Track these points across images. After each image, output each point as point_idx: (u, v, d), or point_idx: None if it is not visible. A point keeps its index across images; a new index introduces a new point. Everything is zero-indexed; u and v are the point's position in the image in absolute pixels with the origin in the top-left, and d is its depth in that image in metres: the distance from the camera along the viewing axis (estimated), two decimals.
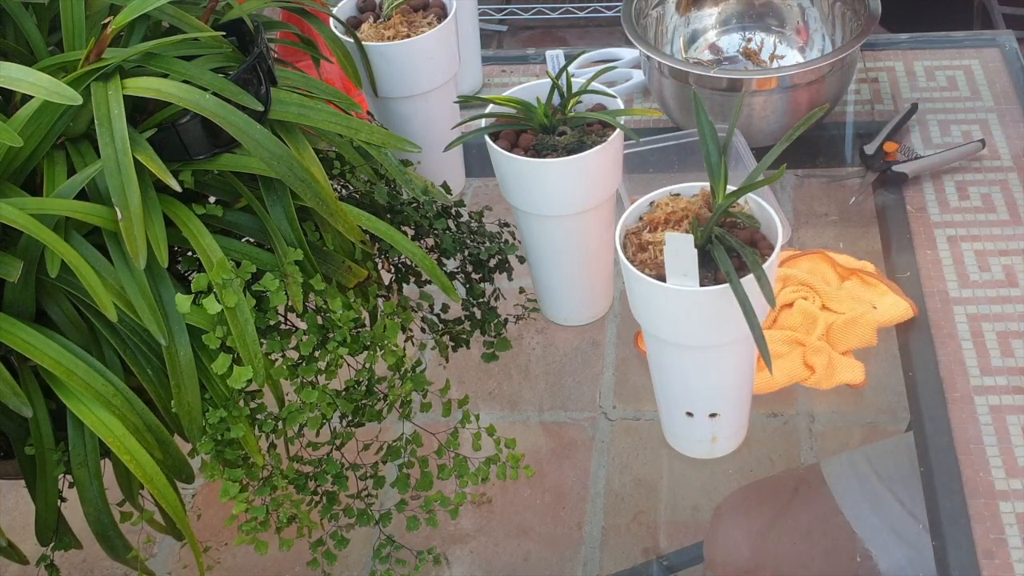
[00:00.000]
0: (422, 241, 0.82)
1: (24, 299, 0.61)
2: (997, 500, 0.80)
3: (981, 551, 0.77)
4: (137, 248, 0.58)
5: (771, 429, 0.90)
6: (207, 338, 0.62)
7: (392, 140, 0.71)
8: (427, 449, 0.76)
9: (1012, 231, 1.01)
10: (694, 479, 0.88)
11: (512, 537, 0.85)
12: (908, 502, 0.85)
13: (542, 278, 0.98)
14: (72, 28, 0.66)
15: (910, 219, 1.04)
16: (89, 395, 0.60)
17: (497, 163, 0.88)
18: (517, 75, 1.31)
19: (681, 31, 1.26)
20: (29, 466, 0.64)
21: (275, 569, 0.85)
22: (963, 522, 0.78)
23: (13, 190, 0.60)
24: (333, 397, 0.68)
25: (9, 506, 0.90)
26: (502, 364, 0.97)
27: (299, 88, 0.72)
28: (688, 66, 1.10)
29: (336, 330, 0.67)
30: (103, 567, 0.86)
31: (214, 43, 0.69)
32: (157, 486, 0.61)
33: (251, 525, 0.68)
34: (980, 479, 0.81)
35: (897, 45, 1.28)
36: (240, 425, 0.64)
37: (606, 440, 0.91)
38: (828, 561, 0.86)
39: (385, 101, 1.04)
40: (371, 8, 1.07)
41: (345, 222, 0.66)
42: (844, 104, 1.20)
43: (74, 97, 0.57)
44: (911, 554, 0.83)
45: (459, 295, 0.78)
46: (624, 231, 0.77)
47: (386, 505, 0.77)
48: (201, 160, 0.65)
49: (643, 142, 1.06)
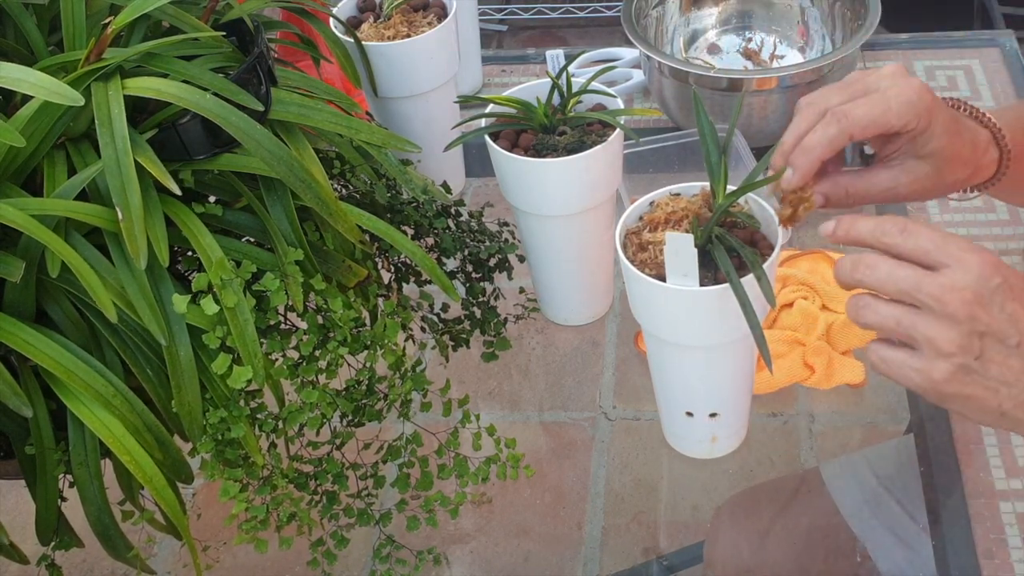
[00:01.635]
0: (422, 240, 0.82)
1: (24, 299, 0.61)
2: (997, 500, 0.79)
3: (981, 551, 0.77)
4: (138, 248, 0.58)
5: (771, 429, 0.90)
6: (207, 338, 0.62)
7: (392, 140, 0.71)
8: (427, 449, 0.76)
9: (1012, 231, 1.01)
10: (694, 479, 0.88)
11: (512, 537, 0.85)
12: (907, 504, 0.85)
13: (542, 278, 0.98)
14: (72, 28, 0.66)
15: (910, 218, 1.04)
16: (89, 395, 0.60)
17: (497, 163, 0.88)
18: (517, 75, 1.31)
19: (681, 31, 1.26)
20: (29, 466, 0.64)
21: (275, 569, 0.85)
22: (963, 522, 0.78)
23: (14, 190, 0.60)
24: (333, 397, 0.68)
25: (9, 506, 0.90)
26: (502, 364, 0.97)
27: (299, 88, 0.72)
28: (688, 66, 1.10)
29: (336, 330, 0.67)
30: (104, 566, 0.86)
31: (214, 43, 0.69)
32: (156, 486, 0.61)
33: (251, 524, 0.68)
34: (980, 479, 0.81)
35: (897, 45, 1.28)
36: (240, 425, 0.64)
37: (606, 440, 0.91)
38: (828, 563, 0.86)
39: (385, 101, 1.04)
40: (371, 8, 1.07)
41: (345, 222, 0.66)
42: None
43: (75, 97, 0.57)
44: (910, 556, 0.83)
45: (459, 295, 0.78)
46: (624, 231, 0.77)
47: (386, 505, 0.77)
48: (201, 160, 0.65)
49: (643, 142, 1.06)
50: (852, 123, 0.67)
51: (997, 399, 0.59)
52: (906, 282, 0.60)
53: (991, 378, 0.59)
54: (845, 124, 0.67)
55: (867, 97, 0.68)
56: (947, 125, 0.69)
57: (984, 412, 0.60)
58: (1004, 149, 0.74)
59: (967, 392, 0.59)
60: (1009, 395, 0.59)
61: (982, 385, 0.59)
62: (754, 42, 1.26)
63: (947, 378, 0.59)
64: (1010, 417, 0.60)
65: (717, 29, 1.28)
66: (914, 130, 0.68)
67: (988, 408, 0.60)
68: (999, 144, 0.74)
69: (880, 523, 0.85)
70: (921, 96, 0.67)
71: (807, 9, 1.24)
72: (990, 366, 0.59)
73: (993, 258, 0.60)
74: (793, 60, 1.24)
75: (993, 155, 0.74)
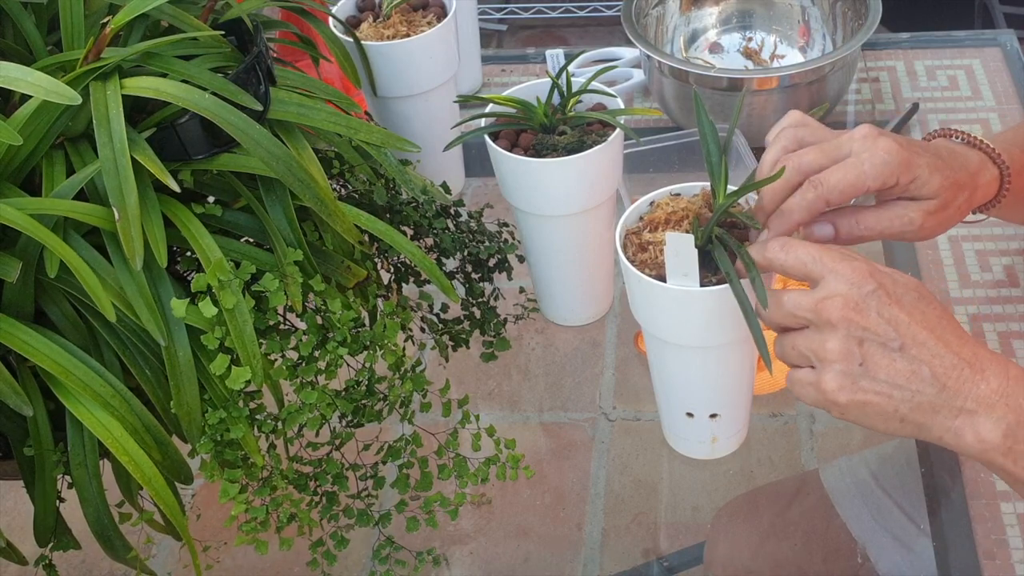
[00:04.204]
0: (421, 241, 0.81)
1: (23, 299, 0.61)
2: (998, 501, 0.79)
3: (982, 552, 0.76)
4: (134, 249, 0.58)
5: (772, 429, 0.90)
6: (206, 339, 0.61)
7: (391, 140, 0.71)
8: (427, 449, 0.75)
9: (1013, 231, 1.01)
10: (694, 480, 0.88)
11: (512, 538, 0.85)
12: (907, 507, 0.85)
13: (542, 278, 0.98)
14: (71, 27, 0.66)
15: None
16: (88, 396, 0.60)
17: (497, 163, 0.88)
18: (517, 75, 1.31)
19: (681, 30, 1.26)
20: (28, 466, 0.64)
21: (275, 569, 0.85)
22: (964, 523, 0.78)
23: (12, 190, 0.60)
24: (333, 397, 0.68)
25: (8, 507, 0.89)
26: (502, 364, 0.97)
27: (298, 88, 0.72)
28: (688, 65, 1.10)
29: (336, 330, 0.67)
30: (102, 567, 0.86)
31: (213, 43, 0.69)
32: (155, 487, 0.61)
33: (251, 525, 0.68)
34: (981, 480, 0.81)
35: (898, 44, 1.28)
36: (240, 426, 0.64)
37: (606, 441, 0.91)
38: (827, 565, 0.86)
39: (384, 101, 1.04)
40: (370, 7, 1.07)
41: (343, 222, 0.66)
42: (845, 104, 1.20)
43: (73, 97, 0.57)
44: (910, 558, 0.82)
45: (458, 295, 0.78)
46: (624, 231, 0.76)
47: (386, 505, 0.77)
48: (200, 160, 0.65)
49: (643, 142, 1.05)
50: (828, 190, 0.68)
51: (893, 403, 0.60)
52: (789, 304, 0.63)
53: (881, 382, 0.60)
54: (822, 191, 0.68)
55: (843, 163, 0.69)
56: (932, 166, 0.70)
57: (885, 418, 0.61)
58: (1002, 167, 0.75)
59: (860, 399, 0.60)
60: (903, 398, 0.60)
61: (873, 391, 0.60)
62: (754, 41, 1.26)
63: (837, 387, 0.60)
64: (910, 421, 0.61)
65: (717, 28, 1.28)
66: (896, 186, 0.69)
67: (887, 414, 0.61)
68: (996, 163, 0.75)
69: (880, 525, 0.85)
70: (893, 155, 0.68)
71: (808, 8, 1.24)
72: (877, 370, 0.60)
73: (867, 265, 0.62)
74: (794, 60, 1.24)
75: (991, 173, 0.75)
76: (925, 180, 0.70)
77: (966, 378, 0.60)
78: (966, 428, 0.60)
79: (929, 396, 0.60)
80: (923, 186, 0.70)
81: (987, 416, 0.59)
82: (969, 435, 0.60)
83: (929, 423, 0.61)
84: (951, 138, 0.76)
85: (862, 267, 0.61)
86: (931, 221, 0.71)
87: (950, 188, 0.71)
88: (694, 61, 1.24)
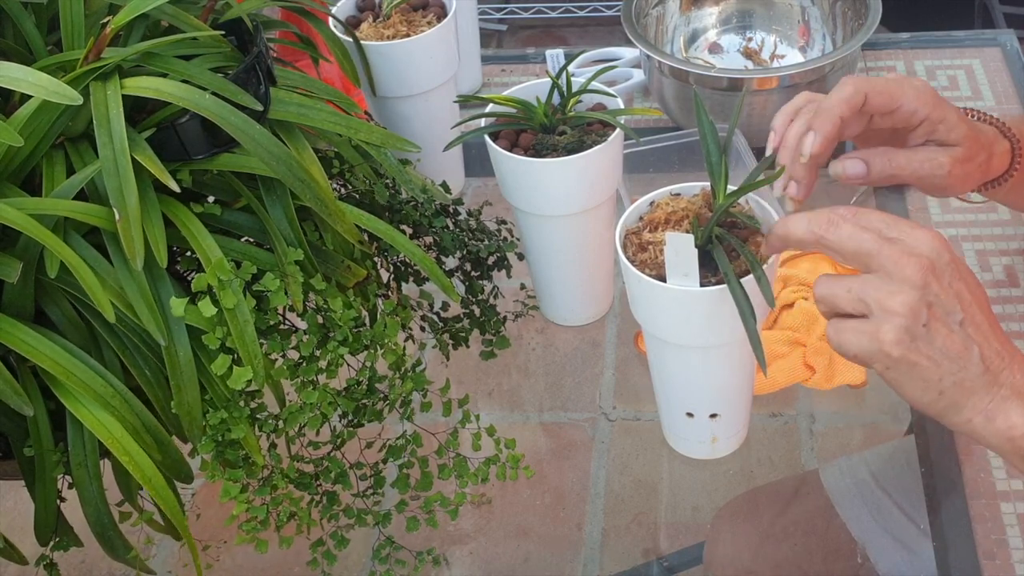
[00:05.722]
0: (421, 240, 0.81)
1: (23, 299, 0.61)
2: (998, 501, 0.79)
3: (982, 552, 0.76)
4: (134, 249, 0.58)
5: (772, 430, 0.90)
6: (207, 339, 0.61)
7: (391, 140, 0.71)
8: (427, 449, 0.76)
9: (1013, 231, 1.01)
10: (694, 480, 0.88)
11: (512, 538, 0.85)
12: (907, 507, 0.85)
13: (542, 278, 0.98)
14: (71, 27, 0.66)
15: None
16: (88, 396, 0.60)
17: (497, 163, 0.88)
18: (517, 74, 1.31)
19: (681, 30, 1.26)
20: (28, 466, 0.64)
21: (275, 569, 0.85)
22: (964, 523, 0.78)
23: (12, 190, 0.60)
24: (333, 396, 0.68)
25: (8, 506, 0.90)
26: (502, 364, 0.97)
27: (298, 88, 0.72)
28: (688, 65, 1.10)
29: (336, 329, 0.67)
30: (102, 567, 0.86)
31: (213, 43, 0.69)
32: (155, 487, 0.61)
33: (251, 525, 0.68)
34: (981, 479, 0.81)
35: (898, 44, 1.28)
36: (241, 426, 0.64)
37: (606, 441, 0.91)
38: (827, 565, 0.86)
39: (384, 100, 1.04)
40: (370, 7, 1.07)
41: (343, 223, 0.66)
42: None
43: (74, 97, 0.57)
44: (910, 558, 0.82)
45: (458, 294, 0.78)
46: (624, 231, 0.76)
47: (386, 505, 0.77)
48: (200, 160, 0.65)
49: (643, 142, 1.05)
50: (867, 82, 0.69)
51: (939, 372, 0.60)
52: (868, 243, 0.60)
53: (936, 348, 0.60)
54: (860, 83, 0.69)
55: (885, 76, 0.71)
56: (959, 114, 0.73)
57: (926, 386, 0.61)
58: (1013, 140, 0.77)
59: (912, 358, 0.60)
60: (950, 371, 0.60)
61: (927, 354, 0.60)
62: (754, 41, 1.26)
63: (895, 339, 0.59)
64: (947, 396, 0.61)
65: (717, 28, 1.28)
66: (926, 121, 0.71)
67: (930, 382, 0.60)
68: (1007, 136, 0.77)
69: (880, 525, 0.85)
70: (928, 86, 0.71)
71: (808, 8, 1.24)
72: (936, 337, 0.60)
73: (943, 237, 0.61)
74: (794, 60, 1.24)
75: (1004, 145, 0.77)
76: (953, 124, 0.71)
77: (1005, 366, 0.61)
78: (999, 412, 0.60)
79: (972, 376, 0.60)
80: (950, 130, 0.71)
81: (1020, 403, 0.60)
82: (1000, 419, 0.60)
83: (964, 403, 0.61)
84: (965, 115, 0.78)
85: (940, 236, 0.61)
86: (957, 169, 0.73)
87: (974, 141, 0.73)
88: (694, 61, 1.24)
